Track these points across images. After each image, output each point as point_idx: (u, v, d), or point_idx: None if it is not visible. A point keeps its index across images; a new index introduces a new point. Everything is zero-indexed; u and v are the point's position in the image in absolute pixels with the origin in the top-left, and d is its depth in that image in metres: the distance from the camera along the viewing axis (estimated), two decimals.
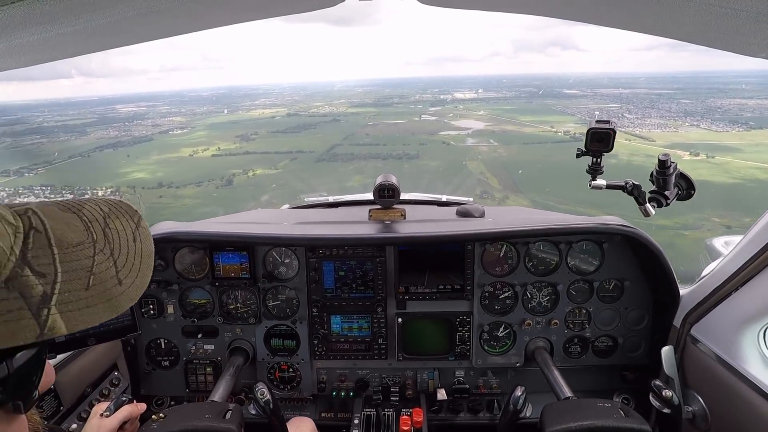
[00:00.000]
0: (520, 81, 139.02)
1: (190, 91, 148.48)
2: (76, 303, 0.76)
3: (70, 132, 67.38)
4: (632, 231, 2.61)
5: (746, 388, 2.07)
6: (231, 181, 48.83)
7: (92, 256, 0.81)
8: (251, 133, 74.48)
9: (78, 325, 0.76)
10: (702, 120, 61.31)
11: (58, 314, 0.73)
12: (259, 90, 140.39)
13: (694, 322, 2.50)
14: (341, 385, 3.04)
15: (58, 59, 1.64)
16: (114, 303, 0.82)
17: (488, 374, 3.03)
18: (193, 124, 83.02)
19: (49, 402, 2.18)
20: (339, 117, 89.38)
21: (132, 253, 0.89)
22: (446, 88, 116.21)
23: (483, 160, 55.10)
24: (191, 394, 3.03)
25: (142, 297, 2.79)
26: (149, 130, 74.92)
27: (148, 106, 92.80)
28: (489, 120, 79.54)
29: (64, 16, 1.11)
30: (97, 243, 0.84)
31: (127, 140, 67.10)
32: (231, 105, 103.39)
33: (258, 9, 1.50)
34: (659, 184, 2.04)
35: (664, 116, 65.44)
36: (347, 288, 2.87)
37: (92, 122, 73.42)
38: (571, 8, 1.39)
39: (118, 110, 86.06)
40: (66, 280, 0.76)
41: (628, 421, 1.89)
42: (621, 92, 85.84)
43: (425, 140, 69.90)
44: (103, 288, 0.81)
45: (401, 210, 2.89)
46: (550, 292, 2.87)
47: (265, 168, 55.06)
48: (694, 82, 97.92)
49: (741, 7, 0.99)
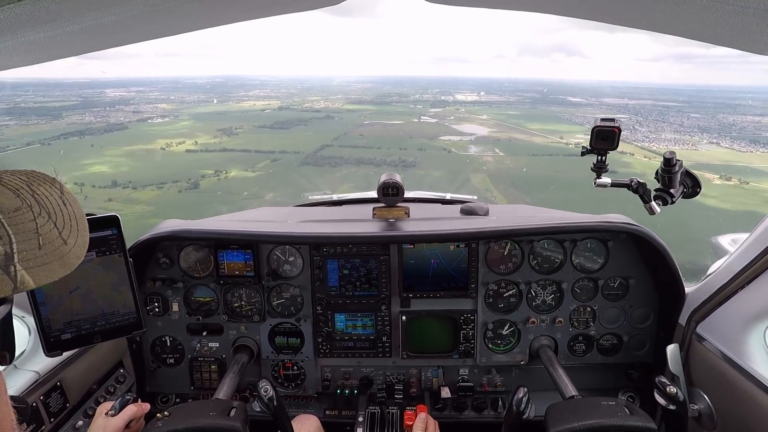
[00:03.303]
0: (522, 85, 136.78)
1: (186, 78, 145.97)
2: (35, 260, 0.83)
3: (45, 115, 63.56)
4: (637, 229, 2.60)
5: (753, 387, 2.06)
6: (197, 184, 44.61)
7: (34, 219, 0.87)
8: (236, 126, 70.34)
9: (42, 280, 0.82)
10: (720, 138, 59.18)
11: (24, 270, 0.80)
12: (256, 81, 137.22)
13: (700, 320, 2.48)
14: (345, 382, 3.05)
15: (65, 57, 1.65)
16: (65, 260, 0.89)
17: (492, 372, 3.03)
18: (178, 112, 79.31)
19: (55, 399, 2.19)
20: (333, 113, 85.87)
21: (67, 216, 0.95)
22: (447, 89, 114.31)
23: (488, 171, 51.18)
24: (196, 391, 3.04)
25: (147, 294, 2.83)
26: (128, 117, 71.15)
27: (137, 92, 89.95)
28: (493, 126, 76.32)
29: (69, 14, 1.11)
30: (33, 208, 0.89)
31: (99, 128, 63.07)
32: (223, 95, 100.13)
33: (262, 7, 1.50)
34: (664, 182, 2.03)
35: (677, 131, 63.57)
36: (351, 286, 2.87)
37: (72, 106, 69.44)
38: (574, 5, 1.38)
39: (107, 94, 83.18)
40: (19, 240, 0.82)
41: (633, 418, 1.88)
42: (627, 102, 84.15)
43: (424, 145, 65.97)
44: (52, 247, 0.87)
45: (405, 208, 2.89)
46: (555, 290, 2.87)
47: (241, 169, 50.75)
48: (699, 95, 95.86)
49: (747, 4, 0.98)
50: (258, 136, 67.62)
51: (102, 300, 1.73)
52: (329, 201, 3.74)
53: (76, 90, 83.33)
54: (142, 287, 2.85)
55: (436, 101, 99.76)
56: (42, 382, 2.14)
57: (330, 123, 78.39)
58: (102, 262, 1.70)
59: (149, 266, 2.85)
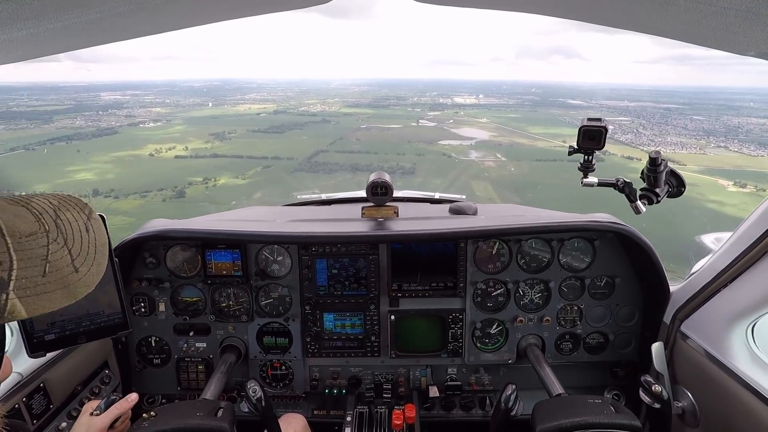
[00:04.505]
0: (520, 88, 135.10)
1: (183, 81, 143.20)
2: (34, 289, 0.80)
3: (36, 119, 60.70)
4: (623, 228, 2.63)
5: (734, 384, 2.10)
6: (182, 193, 42.29)
7: (46, 245, 0.86)
8: (229, 131, 68.00)
9: (37, 309, 0.80)
10: (728, 141, 56.72)
11: (17, 299, 0.78)
12: (253, 84, 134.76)
13: (684, 318, 2.52)
14: (334, 382, 3.04)
15: (48, 54, 1.63)
16: (71, 289, 0.87)
17: (480, 371, 3.04)
18: (171, 116, 77.00)
19: (38, 400, 2.16)
20: (330, 117, 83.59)
21: (86, 243, 0.94)
22: (445, 92, 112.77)
23: (491, 179, 47.92)
24: (183, 392, 3.01)
25: (133, 294, 2.80)
26: (120, 122, 68.43)
27: (132, 95, 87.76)
28: (494, 130, 73.55)
29: (53, 11, 1.10)
30: (50, 233, 0.88)
31: (89, 132, 60.49)
32: (219, 98, 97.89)
33: (248, 6, 1.49)
34: (650, 181, 2.05)
35: (682, 134, 60.79)
36: (340, 285, 2.87)
37: (64, 109, 66.45)
38: (558, 5, 1.39)
39: (102, 98, 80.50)
40: (22, 267, 0.80)
41: (619, 417, 1.90)
42: (627, 105, 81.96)
43: (422, 150, 63.06)
44: (59, 275, 0.85)
45: (394, 207, 2.89)
46: (542, 289, 2.89)
47: (231, 176, 48.41)
48: (698, 97, 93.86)
49: (729, 5, 0.99)
50: (251, 140, 65.56)
51: (87, 300, 1.71)
52: (318, 200, 3.73)
53: (72, 94, 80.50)
54: (128, 287, 2.82)
55: (434, 104, 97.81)
56: (25, 384, 2.11)
57: (326, 127, 76.33)
58: None
59: (135, 266, 2.83)
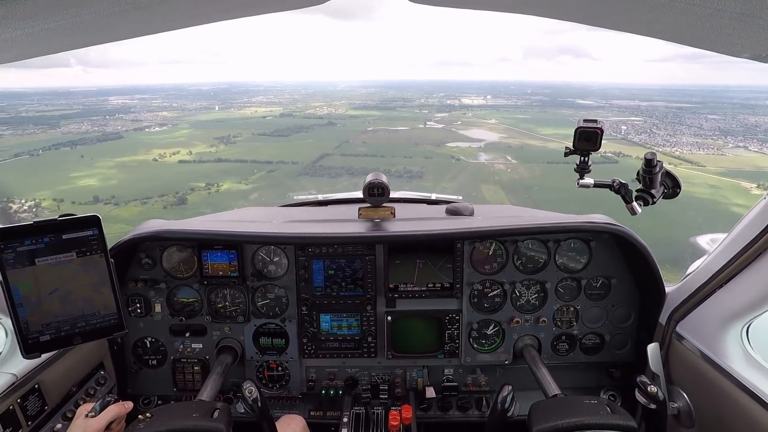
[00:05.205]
0: (528, 88, 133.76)
1: (190, 85, 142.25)
2: None
3: (43, 124, 60.60)
4: (619, 229, 2.64)
5: (729, 384, 2.10)
6: (184, 200, 41.07)
7: None
8: (234, 134, 67.09)
9: None
10: (746, 140, 54.51)
11: None
12: (260, 87, 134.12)
13: (680, 319, 2.53)
14: (330, 383, 3.04)
15: (44, 54, 1.62)
16: None
17: (477, 372, 3.05)
18: (177, 120, 76.38)
19: (33, 402, 2.15)
20: (336, 120, 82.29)
21: None
22: (452, 93, 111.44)
23: (501, 183, 46.13)
24: (179, 393, 3.01)
25: (129, 295, 2.80)
26: (126, 126, 67.90)
27: (140, 99, 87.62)
28: (503, 131, 71.42)
29: (48, 11, 1.10)
30: None
31: (94, 137, 59.80)
32: (226, 101, 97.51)
33: (245, 6, 1.48)
34: (645, 182, 2.06)
35: (697, 134, 58.28)
36: (337, 286, 2.87)
37: (72, 114, 66.40)
38: (552, 6, 1.40)
39: (110, 102, 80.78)
40: None
41: (615, 417, 1.91)
42: (638, 104, 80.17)
43: (430, 153, 61.26)
44: None
45: (391, 208, 2.89)
46: (539, 290, 2.89)
47: (235, 181, 47.40)
48: (712, 96, 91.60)
49: (724, 7, 1.00)
50: (256, 144, 64.41)
51: (82, 301, 1.71)
52: (315, 201, 3.73)
53: (81, 98, 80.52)
54: (124, 288, 2.81)
55: (441, 106, 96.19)
56: (19, 385, 2.09)
57: (332, 130, 74.51)
58: (82, 263, 1.68)
59: (131, 267, 2.82)
